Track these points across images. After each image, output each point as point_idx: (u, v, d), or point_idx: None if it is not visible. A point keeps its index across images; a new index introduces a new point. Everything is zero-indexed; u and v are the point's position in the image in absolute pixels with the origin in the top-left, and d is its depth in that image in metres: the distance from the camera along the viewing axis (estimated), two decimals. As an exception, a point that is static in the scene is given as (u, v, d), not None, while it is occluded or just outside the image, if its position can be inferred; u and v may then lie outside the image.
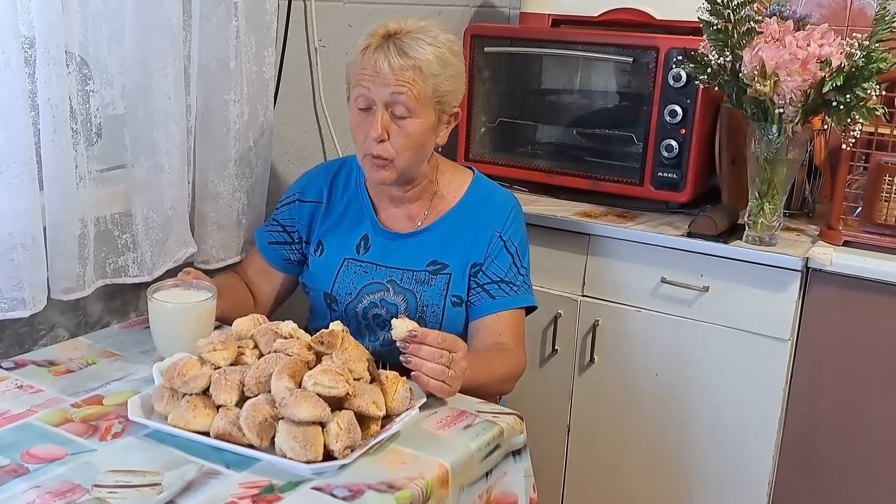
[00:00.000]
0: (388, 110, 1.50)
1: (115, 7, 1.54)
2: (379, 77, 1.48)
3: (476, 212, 1.65)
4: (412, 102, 1.49)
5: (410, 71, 1.48)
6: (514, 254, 1.63)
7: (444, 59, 1.52)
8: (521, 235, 1.66)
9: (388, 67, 1.47)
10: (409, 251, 1.63)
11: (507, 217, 1.64)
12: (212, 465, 1.14)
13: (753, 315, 1.90)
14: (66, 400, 1.31)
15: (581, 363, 2.12)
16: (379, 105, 1.50)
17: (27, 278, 1.42)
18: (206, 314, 1.44)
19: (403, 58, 1.48)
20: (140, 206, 1.61)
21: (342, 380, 1.17)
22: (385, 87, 1.48)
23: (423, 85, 1.49)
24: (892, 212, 1.82)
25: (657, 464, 2.08)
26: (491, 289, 1.61)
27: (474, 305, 1.61)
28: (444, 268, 1.61)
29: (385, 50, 1.48)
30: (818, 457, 1.92)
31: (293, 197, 1.72)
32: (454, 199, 1.66)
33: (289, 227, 1.70)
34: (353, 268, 1.64)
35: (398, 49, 1.48)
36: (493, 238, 1.62)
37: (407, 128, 1.51)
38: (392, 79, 1.47)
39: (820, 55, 1.70)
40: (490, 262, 1.61)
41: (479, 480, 1.25)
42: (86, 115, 1.51)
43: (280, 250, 1.71)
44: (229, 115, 1.73)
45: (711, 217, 1.93)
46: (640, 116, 2.08)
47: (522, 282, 1.63)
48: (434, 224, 1.64)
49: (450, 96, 1.55)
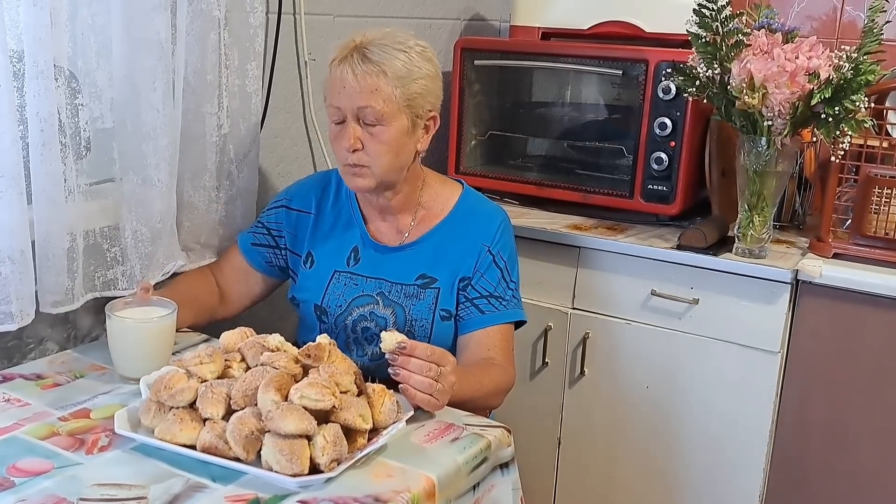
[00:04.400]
0: (360, 120, 1.50)
1: (103, 21, 1.54)
2: (346, 88, 1.49)
3: (465, 225, 1.64)
4: (380, 108, 1.48)
5: (374, 77, 1.47)
6: (503, 268, 1.63)
7: (412, 62, 1.51)
8: (511, 249, 1.66)
9: (351, 76, 1.48)
10: (399, 264, 1.63)
11: (496, 231, 1.64)
12: (198, 479, 1.14)
13: (743, 327, 1.90)
14: (53, 413, 1.30)
15: (571, 376, 2.12)
16: (349, 116, 1.50)
17: (15, 292, 1.42)
18: (167, 330, 1.43)
19: (367, 64, 1.48)
20: (129, 220, 1.61)
21: (328, 393, 1.17)
22: (352, 98, 1.49)
23: (390, 90, 1.48)
24: (881, 224, 1.83)
25: (648, 476, 2.08)
26: (480, 303, 1.61)
27: (463, 320, 1.61)
28: (433, 282, 1.61)
29: (350, 60, 1.48)
30: (809, 469, 1.92)
31: (280, 202, 1.71)
32: (442, 212, 1.66)
33: (274, 232, 1.70)
34: (343, 280, 1.64)
35: (362, 57, 1.48)
36: (482, 252, 1.62)
37: (379, 135, 1.51)
38: (357, 87, 1.48)
39: (808, 67, 1.71)
40: (479, 276, 1.61)
41: (466, 493, 1.25)
42: (74, 129, 1.51)
43: (263, 252, 1.71)
44: (206, 127, 1.73)
45: (701, 229, 1.93)
46: (630, 129, 2.09)
47: (512, 296, 1.63)
48: (423, 237, 1.64)
49: (421, 99, 1.53)
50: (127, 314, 1.42)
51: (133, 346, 1.41)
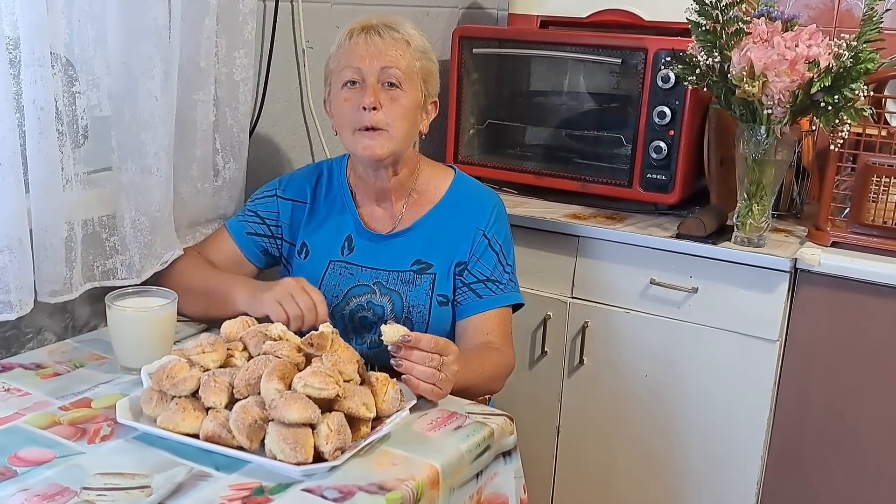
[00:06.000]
0: (380, 83, 1.53)
1: (100, 8, 1.52)
2: (369, 52, 1.52)
3: (459, 210, 1.65)
4: (402, 74, 1.53)
5: (401, 43, 1.54)
6: (498, 252, 1.63)
7: (426, 46, 1.59)
8: (505, 233, 1.67)
9: (378, 39, 1.53)
10: (394, 251, 1.63)
11: (490, 215, 1.65)
12: (201, 468, 1.14)
13: (742, 316, 1.90)
14: (53, 403, 1.30)
15: (570, 365, 2.12)
16: (370, 77, 1.53)
17: (13, 281, 1.41)
18: (168, 319, 1.43)
19: (392, 33, 1.54)
20: (128, 209, 1.59)
21: (332, 381, 1.17)
22: (376, 60, 1.52)
23: (412, 59, 1.55)
24: (879, 212, 1.83)
25: (646, 464, 2.08)
26: (477, 288, 1.61)
27: (461, 305, 1.61)
28: (429, 267, 1.61)
29: (374, 29, 1.55)
30: (806, 457, 1.93)
31: (273, 192, 1.70)
32: (435, 197, 1.66)
33: (269, 221, 1.69)
34: (338, 270, 1.64)
35: (387, 27, 1.55)
36: (477, 236, 1.62)
37: (399, 98, 1.54)
38: (383, 50, 1.53)
39: (808, 56, 1.71)
40: (475, 260, 1.61)
41: (469, 481, 1.25)
42: (72, 117, 1.50)
43: (259, 241, 1.69)
44: (198, 115, 1.71)
45: (700, 218, 1.93)
46: (629, 118, 2.09)
47: (508, 279, 1.64)
48: (417, 223, 1.64)
49: (432, 79, 1.60)
50: (127, 304, 1.41)
51: (134, 335, 1.40)
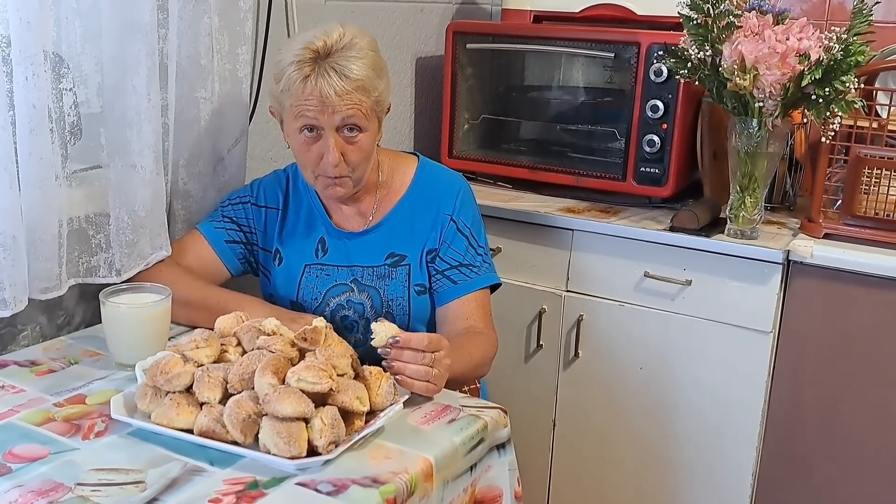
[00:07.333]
0: (338, 130, 1.49)
1: (88, 5, 1.52)
2: (326, 105, 1.45)
3: (425, 198, 1.65)
4: (361, 120, 1.48)
5: (355, 93, 1.45)
6: (468, 235, 1.64)
7: (377, 68, 1.50)
8: (473, 214, 1.67)
9: (333, 93, 1.44)
10: (367, 247, 1.63)
11: (456, 199, 1.64)
12: (195, 463, 1.14)
13: (735, 308, 1.91)
14: (48, 399, 1.30)
15: (566, 358, 2.13)
16: (329, 130, 1.48)
17: (8, 278, 1.41)
18: (162, 315, 1.43)
19: (346, 81, 1.44)
20: (114, 207, 1.59)
21: (325, 376, 1.17)
22: (335, 114, 1.46)
23: (368, 101, 1.48)
24: (871, 204, 1.84)
25: (642, 456, 2.09)
26: (451, 274, 1.62)
27: (438, 293, 1.62)
28: (403, 259, 1.62)
29: (323, 75, 1.44)
30: (801, 448, 1.94)
31: (245, 199, 1.69)
32: (401, 188, 1.66)
33: (245, 228, 1.68)
34: (314, 272, 1.64)
35: (338, 73, 1.44)
36: (445, 222, 1.63)
37: (360, 143, 1.51)
38: (340, 104, 1.45)
39: (799, 49, 1.71)
40: (446, 246, 1.62)
41: (463, 474, 1.25)
42: (60, 114, 1.48)
43: (237, 249, 1.68)
44: (201, 112, 1.72)
45: (693, 211, 1.94)
46: (622, 112, 2.09)
47: (482, 261, 1.64)
48: (386, 217, 1.64)
49: (383, 99, 1.54)
50: (122, 300, 1.42)
51: (128, 331, 1.41)
